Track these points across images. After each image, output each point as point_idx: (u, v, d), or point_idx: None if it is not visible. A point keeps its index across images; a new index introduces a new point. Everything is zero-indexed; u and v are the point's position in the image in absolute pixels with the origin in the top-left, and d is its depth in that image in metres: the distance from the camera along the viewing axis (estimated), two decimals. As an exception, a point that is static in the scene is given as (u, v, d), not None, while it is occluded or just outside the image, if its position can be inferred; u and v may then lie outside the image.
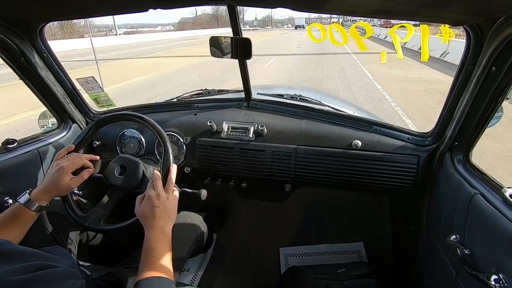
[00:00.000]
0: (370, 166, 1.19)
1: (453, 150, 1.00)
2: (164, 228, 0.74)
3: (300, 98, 1.59)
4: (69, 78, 1.25)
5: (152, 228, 0.73)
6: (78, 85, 1.34)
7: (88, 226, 0.91)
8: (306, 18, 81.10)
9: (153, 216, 0.74)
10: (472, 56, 0.82)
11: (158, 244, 0.70)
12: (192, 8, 56.43)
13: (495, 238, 0.71)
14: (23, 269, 0.47)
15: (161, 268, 0.65)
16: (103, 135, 1.39)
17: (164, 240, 0.72)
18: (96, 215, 0.92)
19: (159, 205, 0.75)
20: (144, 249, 0.69)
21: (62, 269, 0.52)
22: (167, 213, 0.76)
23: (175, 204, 0.80)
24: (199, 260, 1.59)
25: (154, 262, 0.66)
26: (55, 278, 0.49)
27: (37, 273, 0.47)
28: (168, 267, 0.67)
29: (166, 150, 0.89)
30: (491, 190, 0.79)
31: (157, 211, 0.74)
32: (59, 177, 0.84)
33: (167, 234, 0.74)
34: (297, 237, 1.72)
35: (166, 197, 0.78)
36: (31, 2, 0.79)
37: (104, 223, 0.91)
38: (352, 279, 1.21)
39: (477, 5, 0.62)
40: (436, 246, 1.03)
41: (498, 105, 0.81)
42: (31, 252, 0.53)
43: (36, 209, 0.80)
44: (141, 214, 0.76)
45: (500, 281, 0.67)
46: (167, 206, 0.77)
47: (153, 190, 0.78)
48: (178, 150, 1.35)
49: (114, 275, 0.91)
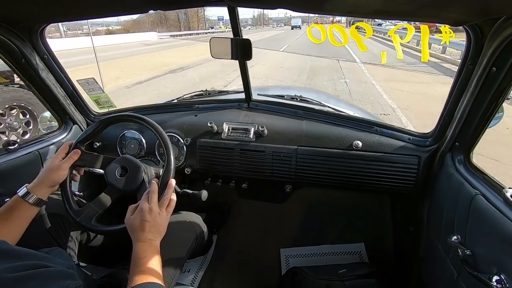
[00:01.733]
0: (371, 167, 1.19)
1: (454, 150, 0.99)
2: (152, 242, 0.74)
3: (300, 99, 1.59)
4: (70, 79, 1.25)
5: (140, 241, 0.73)
6: (78, 86, 1.34)
7: (79, 221, 0.90)
8: (305, 17, 77.74)
9: (142, 229, 0.74)
10: (473, 56, 0.82)
11: (146, 254, 0.70)
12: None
13: (497, 239, 0.71)
14: (19, 267, 0.47)
15: (152, 274, 0.65)
16: (104, 136, 1.39)
17: (153, 252, 0.72)
18: (89, 212, 0.92)
19: (149, 219, 0.75)
20: (133, 261, 0.69)
21: (57, 269, 0.52)
22: (157, 227, 0.76)
23: (166, 220, 0.81)
24: (199, 261, 1.59)
25: (143, 270, 0.66)
26: (50, 277, 0.49)
27: (33, 271, 0.48)
28: (159, 272, 0.68)
29: (169, 163, 0.90)
30: (492, 190, 0.79)
31: (146, 225, 0.74)
32: (50, 165, 0.87)
33: (155, 246, 0.74)
34: (297, 238, 1.72)
35: (158, 212, 0.78)
36: (32, 4, 0.79)
37: (95, 222, 0.91)
38: (353, 279, 1.21)
39: (477, 6, 0.62)
40: (437, 246, 1.03)
41: (499, 106, 0.81)
42: (26, 252, 0.53)
43: (35, 202, 0.81)
44: (130, 225, 0.76)
45: (501, 282, 0.67)
46: (158, 221, 0.77)
47: (146, 203, 0.78)
48: (178, 151, 1.35)
49: (114, 276, 0.91)
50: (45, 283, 0.47)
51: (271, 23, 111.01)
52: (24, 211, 0.80)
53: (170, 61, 11.71)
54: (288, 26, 67.54)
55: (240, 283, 1.52)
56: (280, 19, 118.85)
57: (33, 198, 0.80)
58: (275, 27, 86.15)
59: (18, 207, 0.79)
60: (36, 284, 0.46)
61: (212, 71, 9.10)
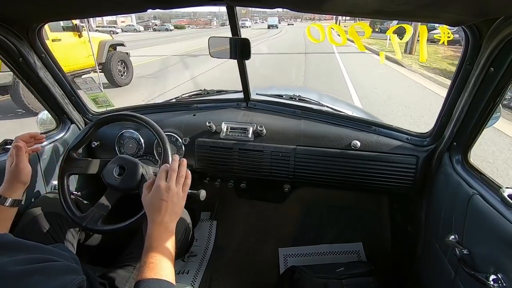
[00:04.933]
0: (369, 166, 1.19)
1: (451, 150, 1.00)
2: (168, 225, 0.71)
3: (299, 99, 1.59)
4: (68, 78, 1.25)
5: (155, 223, 0.70)
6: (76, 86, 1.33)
7: (85, 226, 0.90)
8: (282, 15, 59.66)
9: (159, 210, 0.71)
10: (471, 56, 0.82)
11: (160, 242, 0.68)
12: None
13: (494, 238, 0.71)
14: (24, 260, 0.47)
15: (162, 270, 0.63)
16: (102, 135, 1.38)
17: (167, 238, 0.69)
18: (94, 215, 0.92)
19: (167, 199, 0.72)
20: (146, 247, 0.67)
21: (63, 263, 0.51)
22: (174, 208, 0.73)
23: (184, 200, 0.77)
24: (198, 261, 1.59)
25: (154, 262, 0.64)
26: (55, 271, 0.48)
27: (38, 265, 0.47)
28: (169, 269, 0.66)
29: (166, 158, 0.90)
30: (490, 190, 0.79)
31: (163, 205, 0.71)
32: (16, 163, 0.86)
33: (171, 231, 0.71)
34: (296, 237, 1.73)
35: (176, 191, 0.74)
36: (29, 3, 0.79)
37: (102, 224, 0.91)
38: (351, 277, 1.21)
39: (475, 6, 0.62)
40: (434, 246, 1.03)
41: (497, 106, 0.81)
42: (31, 245, 0.53)
43: (10, 204, 0.81)
44: (148, 204, 0.73)
45: (498, 281, 0.68)
46: (175, 201, 0.74)
47: (164, 181, 0.74)
48: (177, 151, 1.35)
49: (110, 275, 0.91)
50: (49, 278, 0.46)
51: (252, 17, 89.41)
52: (3, 214, 0.80)
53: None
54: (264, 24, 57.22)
55: (238, 283, 1.52)
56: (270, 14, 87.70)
57: (9, 201, 0.81)
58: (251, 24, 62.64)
59: None
60: (40, 278, 0.45)
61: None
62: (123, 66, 6.92)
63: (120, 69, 6.83)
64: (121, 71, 6.88)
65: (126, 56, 6.99)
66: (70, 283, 0.48)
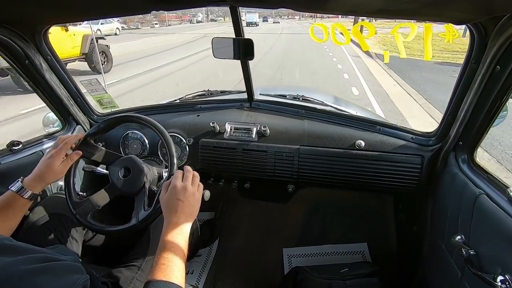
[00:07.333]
0: (374, 166, 1.18)
1: (457, 149, 0.99)
2: (183, 226, 0.72)
3: (302, 99, 1.58)
4: (73, 80, 1.26)
5: (171, 224, 0.71)
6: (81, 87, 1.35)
7: (75, 214, 0.91)
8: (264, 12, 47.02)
9: (175, 210, 0.72)
10: (476, 55, 0.82)
11: (173, 244, 0.68)
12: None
13: (501, 239, 0.70)
14: (29, 260, 0.47)
15: (172, 272, 0.63)
16: (107, 136, 1.39)
17: (180, 241, 0.70)
18: (86, 207, 0.92)
19: (183, 199, 0.73)
20: (160, 246, 0.68)
21: (67, 263, 0.52)
22: (190, 209, 0.74)
23: (199, 202, 0.78)
24: (202, 261, 1.60)
25: (166, 264, 0.64)
26: (59, 271, 0.48)
27: (43, 264, 0.47)
28: (180, 271, 0.66)
29: (172, 163, 0.92)
30: (496, 190, 0.78)
31: (179, 205, 0.72)
32: (50, 163, 0.86)
33: (185, 233, 0.72)
34: (300, 237, 1.72)
35: (192, 191, 0.76)
36: (35, 5, 0.80)
37: (91, 218, 0.91)
38: (355, 278, 1.21)
39: (480, 4, 0.62)
40: (440, 246, 1.02)
41: (503, 104, 0.80)
42: (32, 248, 0.53)
43: (29, 197, 0.81)
44: (165, 203, 0.75)
45: (506, 282, 0.67)
46: (191, 202, 0.75)
47: (180, 181, 0.75)
48: (181, 151, 1.35)
49: (114, 275, 0.92)
50: (54, 277, 0.46)
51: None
52: (18, 206, 0.79)
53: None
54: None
55: (243, 283, 1.52)
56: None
57: (28, 194, 0.80)
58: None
59: (13, 202, 0.78)
60: (45, 278, 0.45)
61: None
62: (103, 56, 7.99)
63: (101, 59, 7.76)
64: (102, 60, 7.81)
65: (106, 48, 8.12)
66: (75, 283, 0.48)
